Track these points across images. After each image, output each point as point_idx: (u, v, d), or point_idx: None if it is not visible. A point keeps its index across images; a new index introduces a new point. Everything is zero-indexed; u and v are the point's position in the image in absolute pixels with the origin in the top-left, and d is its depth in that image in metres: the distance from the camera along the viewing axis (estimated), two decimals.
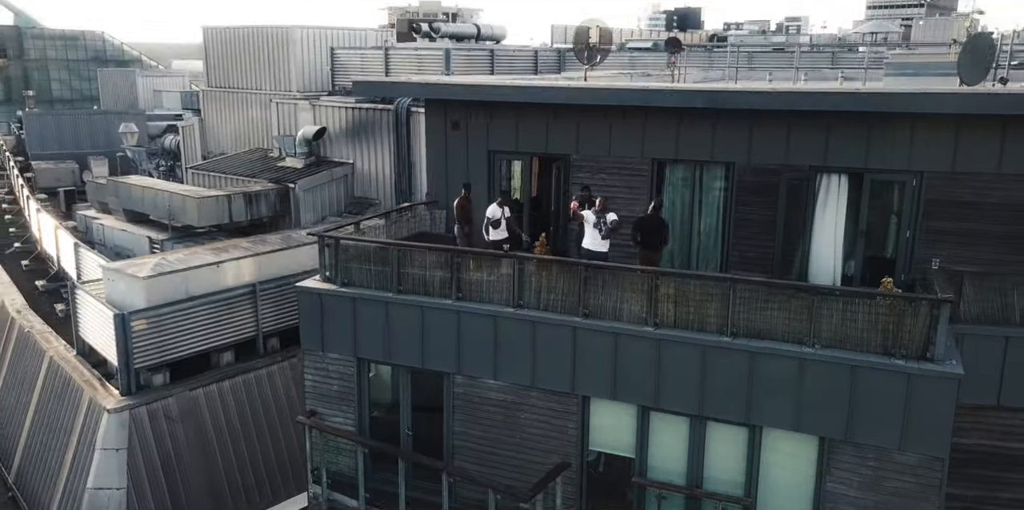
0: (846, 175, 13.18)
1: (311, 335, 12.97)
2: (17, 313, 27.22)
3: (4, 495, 24.42)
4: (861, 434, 10.31)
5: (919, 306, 10.01)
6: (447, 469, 11.86)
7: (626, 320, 11.28)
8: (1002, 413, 11.56)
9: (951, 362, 9.94)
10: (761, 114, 13.16)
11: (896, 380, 9.99)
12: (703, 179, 14.05)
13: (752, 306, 10.73)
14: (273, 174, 30.44)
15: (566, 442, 11.91)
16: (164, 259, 22.60)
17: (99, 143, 49.08)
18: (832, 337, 10.40)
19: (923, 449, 10.05)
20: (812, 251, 13.53)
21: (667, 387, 11.11)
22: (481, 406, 12.26)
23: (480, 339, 11.95)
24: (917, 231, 12.90)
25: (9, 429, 26.41)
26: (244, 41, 37.31)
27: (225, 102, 38.04)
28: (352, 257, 12.75)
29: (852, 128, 12.80)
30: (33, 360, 25.49)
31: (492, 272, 11.89)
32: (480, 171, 15.11)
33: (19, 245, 34.87)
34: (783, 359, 10.45)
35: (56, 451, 22.80)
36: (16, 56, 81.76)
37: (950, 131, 12.39)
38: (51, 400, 23.92)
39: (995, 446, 11.63)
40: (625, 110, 13.87)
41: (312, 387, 13.23)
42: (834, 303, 10.38)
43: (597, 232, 12.74)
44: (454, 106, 15.05)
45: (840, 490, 10.57)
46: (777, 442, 10.88)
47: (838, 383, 10.25)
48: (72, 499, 21.30)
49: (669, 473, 11.52)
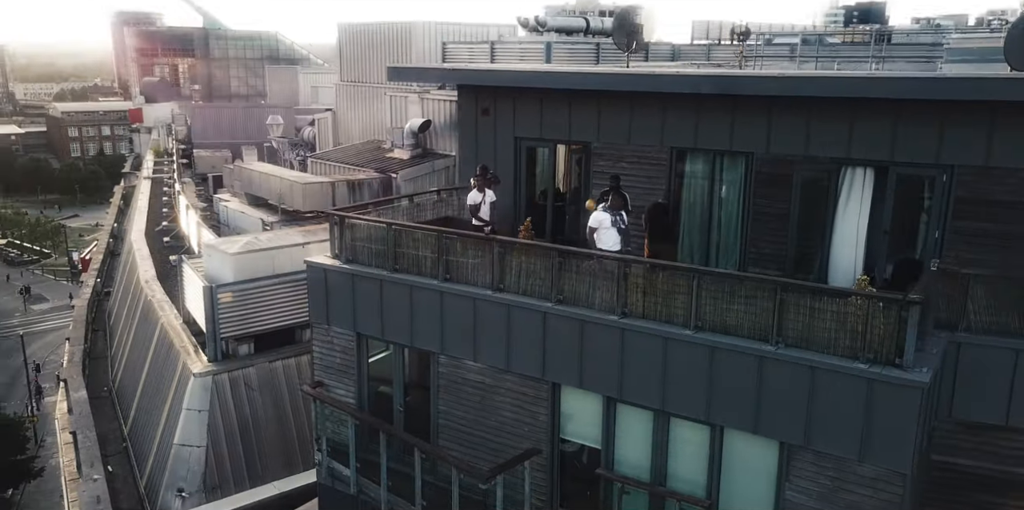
0: (870, 169, 12.24)
1: (317, 308, 13.66)
2: (145, 283, 30.15)
3: (120, 445, 27.20)
4: (820, 441, 9.66)
5: (889, 307, 9.23)
6: (418, 445, 12.16)
7: (598, 308, 11.10)
8: (1011, 435, 10.37)
9: (921, 370, 9.10)
10: (779, 101, 12.48)
11: (857, 385, 9.29)
12: (723, 170, 13.49)
13: (719, 299, 10.28)
14: (380, 164, 31.86)
15: (537, 428, 11.89)
16: (255, 238, 24.33)
17: (252, 134, 53.05)
18: (799, 336, 9.79)
19: (884, 462, 9.29)
20: (833, 251, 12.67)
21: (632, 379, 10.86)
22: (463, 387, 12.47)
23: (461, 320, 12.15)
24: (946, 232, 11.79)
25: (130, 387, 29.38)
26: (372, 37, 39.16)
27: (354, 96, 40.11)
28: (359, 236, 13.31)
29: (876, 117, 11.87)
30: (150, 326, 28.20)
31: (476, 255, 12.05)
32: (507, 158, 15.25)
33: (166, 224, 38.62)
34: (743, 356, 9.95)
35: (157, 409, 25.14)
36: (203, 56, 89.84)
37: (984, 121, 11.23)
38: (158, 362, 26.38)
39: (1003, 471, 10.46)
40: (642, 96, 13.56)
41: (319, 359, 13.94)
42: (802, 300, 9.76)
43: (616, 231, 12.25)
44: (484, 93, 15.27)
45: (799, 499, 9.96)
46: (738, 444, 10.39)
47: (798, 385, 9.65)
48: (163, 453, 23.41)
49: (634, 468, 11.26)
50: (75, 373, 30.00)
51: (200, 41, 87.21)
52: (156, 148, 58.05)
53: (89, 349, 34.62)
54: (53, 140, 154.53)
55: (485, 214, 13.67)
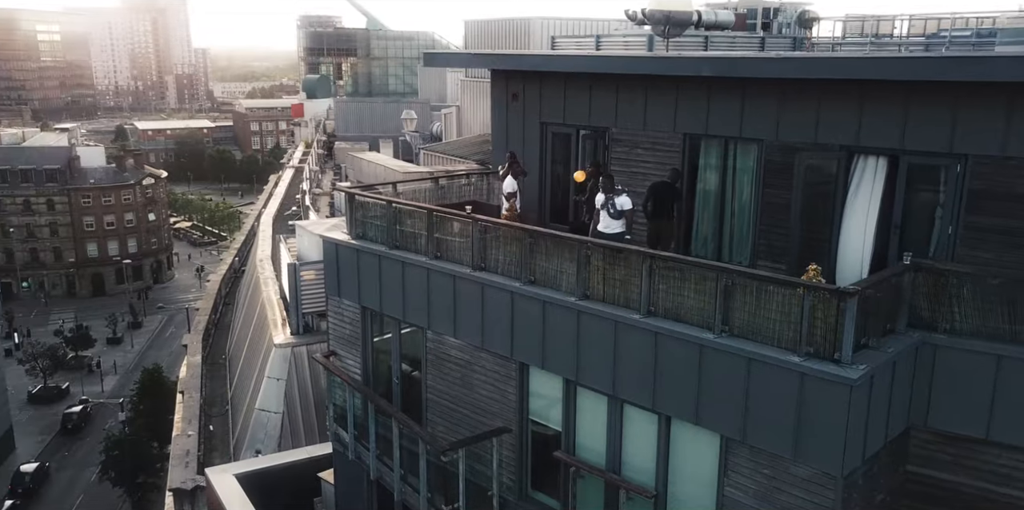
0: (881, 157, 11.37)
1: (331, 281, 14.39)
2: (259, 262, 32.52)
3: (224, 407, 29.58)
4: (756, 437, 9.19)
5: (832, 300, 8.63)
6: (395, 415, 12.57)
7: (564, 290, 11.05)
8: (991, 449, 9.33)
9: (857, 366, 8.46)
10: (787, 86, 11.85)
11: (790, 379, 8.76)
12: (736, 157, 12.95)
13: (671, 285, 9.97)
14: (483, 156, 32.53)
15: (508, 407, 11.97)
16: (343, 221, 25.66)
17: (390, 128, 55.57)
18: (745, 326, 9.33)
19: (815, 462, 8.72)
20: (840, 245, 11.87)
21: (587, 362, 10.74)
22: (446, 363, 12.75)
23: (444, 297, 12.43)
24: (959, 228, 10.76)
25: (238, 356, 31.79)
26: (495, 32, 40.04)
27: (476, 91, 41.18)
28: (370, 214, 13.89)
29: (886, 102, 11.03)
30: (256, 300, 30.41)
31: (462, 234, 12.29)
32: (534, 143, 15.35)
33: (294, 208, 41.37)
34: (685, 344, 9.61)
35: (251, 376, 27.12)
36: (364, 55, 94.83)
37: (1000, 105, 10.16)
38: (256, 334, 28.44)
39: (981, 489, 9.44)
40: (656, 81, 13.27)
41: (333, 329, 14.67)
42: (748, 289, 9.30)
43: (607, 213, 12.42)
44: (514, 78, 15.43)
45: (737, 496, 9.51)
46: (684, 435, 10.05)
47: (736, 377, 9.21)
48: (248, 417, 25.23)
49: (592, 453, 11.12)
50: (196, 341, 32.84)
51: (362, 41, 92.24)
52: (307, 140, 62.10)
53: (217, 320, 37.74)
54: (238, 133, 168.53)
55: (519, 202, 13.94)
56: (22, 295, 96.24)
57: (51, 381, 71.75)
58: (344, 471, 15.11)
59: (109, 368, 77.22)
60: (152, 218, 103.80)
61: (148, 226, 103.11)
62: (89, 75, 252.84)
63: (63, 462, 61.88)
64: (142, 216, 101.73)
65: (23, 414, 68.24)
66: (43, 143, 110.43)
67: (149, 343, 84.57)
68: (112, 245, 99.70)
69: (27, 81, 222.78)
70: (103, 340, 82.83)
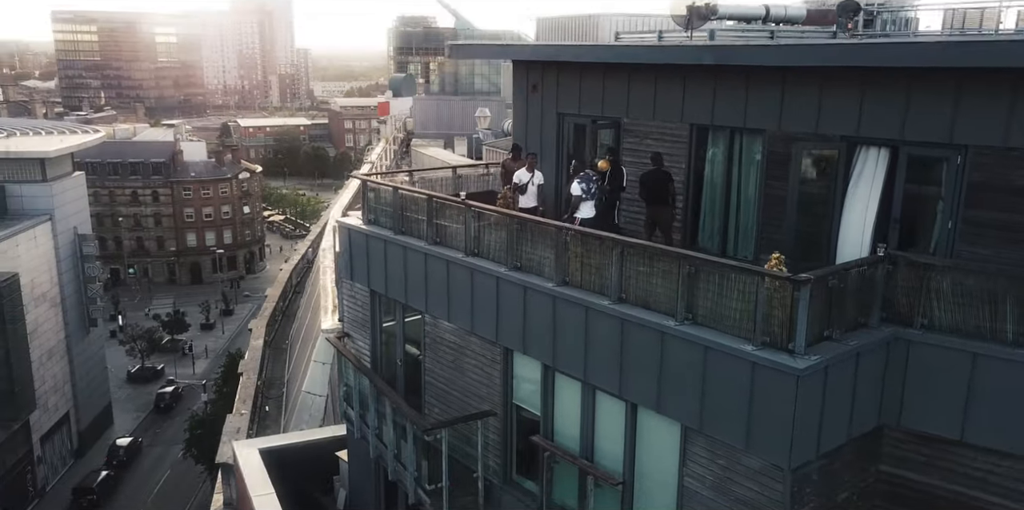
0: (882, 148, 10.99)
1: (344, 264, 14.86)
2: (322, 251, 33.63)
3: (281, 389, 30.74)
4: (712, 427, 9.08)
5: (787, 289, 8.45)
6: (387, 394, 12.91)
7: (546, 276, 11.13)
8: (966, 452, 8.90)
9: (809, 357, 8.26)
10: (789, 74, 11.58)
11: (743, 368, 8.62)
12: (742, 149, 12.72)
13: (642, 272, 9.93)
14: None
15: (494, 392, 12.13)
16: None
17: (467, 125, 56.40)
18: (708, 315, 9.23)
19: (765, 453, 8.56)
20: (840, 239, 11.52)
21: (563, 348, 10.79)
22: (441, 346, 13.00)
23: (439, 282, 12.69)
24: (958, 222, 10.30)
25: (297, 340, 32.97)
26: (565, 29, 40.12)
27: None
28: (382, 201, 14.28)
29: (887, 90, 10.65)
30: (314, 288, 31.51)
31: (458, 220, 12.52)
32: (551, 134, 15.42)
33: None
34: (648, 331, 9.56)
35: (302, 360, 28.14)
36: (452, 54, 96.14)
37: (1004, 93, 9.67)
38: (311, 319, 29.46)
39: (954, 492, 9.02)
40: (664, 71, 13.16)
41: (346, 312, 15.14)
42: (711, 277, 9.18)
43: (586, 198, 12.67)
44: (534, 69, 15.53)
45: (695, 487, 9.42)
46: (648, 423, 10.00)
47: (694, 365, 9.11)
48: (296, 399, 26.19)
49: (568, 438, 11.17)
50: (261, 326, 34.22)
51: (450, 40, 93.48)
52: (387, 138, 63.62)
53: (285, 307, 39.19)
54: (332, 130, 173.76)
55: (532, 195, 14.00)
56: (128, 281, 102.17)
57: (148, 362, 76.00)
58: (355, 450, 15.59)
59: (200, 352, 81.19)
60: (247, 211, 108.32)
61: (243, 218, 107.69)
62: (200, 75, 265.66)
63: (154, 439, 65.52)
64: (237, 208, 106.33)
65: (122, 392, 72.57)
66: (151, 138, 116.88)
67: (239, 329, 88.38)
68: (209, 235, 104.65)
69: (144, 80, 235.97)
70: (197, 325, 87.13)
